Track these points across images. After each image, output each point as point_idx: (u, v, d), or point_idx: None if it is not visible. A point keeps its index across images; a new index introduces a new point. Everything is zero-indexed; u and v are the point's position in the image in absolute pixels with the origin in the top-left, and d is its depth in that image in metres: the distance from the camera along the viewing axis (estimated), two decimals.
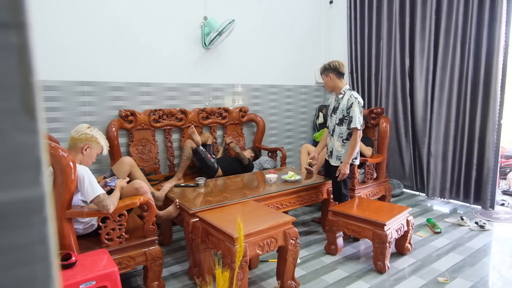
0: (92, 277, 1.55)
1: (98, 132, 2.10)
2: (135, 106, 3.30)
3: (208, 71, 3.75)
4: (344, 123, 2.70)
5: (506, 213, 3.46)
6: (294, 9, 4.40)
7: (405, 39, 3.94)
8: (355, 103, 2.64)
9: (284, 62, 4.36)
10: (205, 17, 3.58)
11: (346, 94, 2.72)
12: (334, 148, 2.80)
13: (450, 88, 3.65)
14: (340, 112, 2.72)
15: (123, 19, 3.18)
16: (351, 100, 2.65)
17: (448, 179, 3.76)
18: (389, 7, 4.07)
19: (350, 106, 2.65)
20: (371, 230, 2.35)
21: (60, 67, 2.90)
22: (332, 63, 2.73)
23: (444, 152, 3.76)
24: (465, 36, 3.49)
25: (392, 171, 4.25)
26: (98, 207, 1.86)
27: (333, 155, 2.82)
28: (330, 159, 2.88)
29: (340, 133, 2.74)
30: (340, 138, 2.75)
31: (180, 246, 2.79)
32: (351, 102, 2.64)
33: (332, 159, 2.83)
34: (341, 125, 2.73)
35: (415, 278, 2.26)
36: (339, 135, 2.75)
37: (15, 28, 0.25)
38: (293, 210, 3.36)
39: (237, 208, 2.27)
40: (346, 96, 2.70)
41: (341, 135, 2.74)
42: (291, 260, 2.08)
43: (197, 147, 3.17)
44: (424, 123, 3.87)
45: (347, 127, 2.69)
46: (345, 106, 2.67)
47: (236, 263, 1.36)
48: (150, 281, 2.05)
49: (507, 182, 4.28)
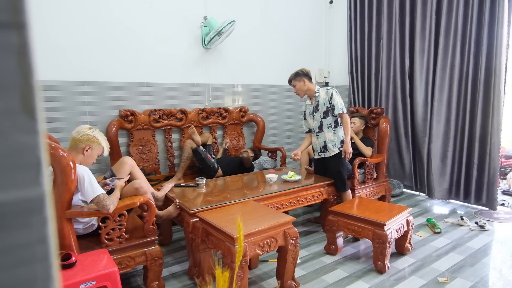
0: (92, 277, 1.55)
1: (99, 133, 2.10)
2: (135, 106, 3.30)
3: (208, 71, 3.75)
4: (330, 113, 2.95)
5: (506, 213, 3.46)
6: (294, 9, 4.40)
7: (405, 39, 3.94)
8: (334, 93, 2.93)
9: (284, 62, 4.36)
10: (205, 17, 3.58)
11: (321, 91, 3.00)
12: (327, 139, 2.98)
13: (450, 88, 3.65)
14: (322, 107, 2.97)
15: (123, 19, 3.18)
16: (329, 92, 2.94)
17: (448, 179, 3.76)
18: (389, 7, 4.07)
19: (331, 97, 2.92)
20: (371, 230, 2.35)
21: (60, 67, 2.90)
22: (304, 70, 2.99)
23: (444, 152, 3.76)
24: (465, 36, 3.49)
25: (392, 171, 4.25)
26: (98, 207, 1.86)
27: (328, 147, 2.98)
28: (324, 154, 3.02)
29: (329, 124, 2.97)
30: (330, 128, 2.97)
31: (180, 246, 2.79)
32: (330, 93, 2.93)
33: (328, 151, 2.99)
34: (327, 116, 2.96)
35: (415, 278, 2.26)
36: (328, 126, 2.97)
37: (15, 28, 0.25)
38: (293, 210, 3.36)
39: (237, 208, 2.27)
40: (322, 92, 2.98)
41: (330, 125, 2.97)
42: (291, 260, 2.08)
43: (197, 147, 3.17)
44: (424, 123, 3.87)
45: (332, 115, 2.94)
46: (326, 99, 2.94)
47: (236, 263, 1.36)
48: (150, 281, 2.05)
49: (507, 182, 4.28)
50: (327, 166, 3.05)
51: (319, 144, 3.04)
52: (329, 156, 3.00)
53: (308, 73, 2.99)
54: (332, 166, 2.99)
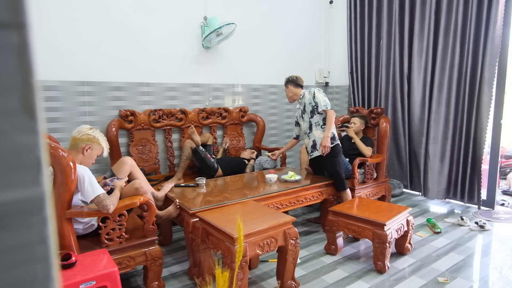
0: (92, 277, 1.55)
1: (100, 133, 2.10)
2: (135, 106, 3.30)
3: (208, 71, 3.75)
4: (316, 111, 2.99)
5: (506, 213, 3.46)
6: (294, 9, 4.40)
7: (405, 39, 3.94)
8: (315, 91, 2.99)
9: (284, 62, 4.36)
10: (205, 17, 3.58)
11: (305, 93, 3.07)
12: (317, 137, 3.02)
13: (449, 88, 3.64)
14: (308, 107, 3.03)
15: (123, 19, 3.18)
16: (311, 91, 3.01)
17: (446, 179, 3.77)
18: (389, 7, 4.07)
19: (313, 95, 2.98)
20: (371, 230, 2.35)
21: (60, 67, 2.90)
22: (291, 76, 3.10)
23: (442, 152, 3.76)
24: (464, 36, 3.49)
25: (392, 171, 4.25)
26: (98, 207, 1.86)
27: (317, 145, 3.01)
28: (313, 153, 3.06)
29: (316, 122, 3.01)
30: (318, 126, 3.01)
31: (180, 246, 2.79)
32: (313, 92, 3.00)
33: (318, 150, 3.00)
34: (313, 115, 3.01)
35: (415, 278, 2.26)
36: (316, 124, 3.01)
37: (15, 28, 0.25)
38: (293, 210, 3.36)
39: (237, 208, 2.27)
40: (306, 93, 3.06)
41: (318, 123, 3.01)
42: (291, 260, 2.08)
43: (197, 147, 3.17)
44: (422, 123, 3.87)
45: (318, 113, 2.98)
46: (310, 99, 3.01)
47: (236, 263, 1.36)
48: (150, 281, 2.05)
49: (507, 182, 4.28)
50: (323, 166, 3.05)
51: (310, 143, 3.07)
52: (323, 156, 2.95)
53: (294, 79, 3.07)
54: (328, 166, 2.99)
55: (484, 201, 3.61)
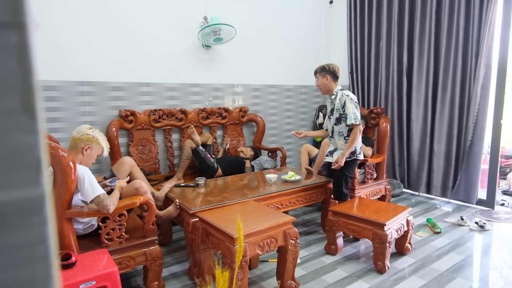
0: (92, 277, 1.55)
1: (100, 133, 2.10)
2: (135, 106, 3.30)
3: (208, 71, 3.75)
4: (342, 121, 2.79)
5: (506, 213, 3.46)
6: (294, 9, 4.40)
7: (404, 39, 3.94)
8: (347, 100, 2.72)
9: (284, 62, 4.36)
10: (205, 17, 3.58)
11: (338, 94, 2.81)
12: (338, 147, 2.87)
13: (452, 89, 3.64)
14: (336, 112, 2.82)
15: (123, 19, 3.18)
16: (343, 99, 2.74)
17: (445, 179, 3.77)
18: (388, 8, 4.07)
19: (344, 105, 2.74)
20: (371, 230, 2.35)
21: (60, 67, 2.90)
22: (332, 66, 2.79)
23: (444, 151, 3.76)
24: (467, 37, 3.49)
25: (391, 171, 4.25)
26: (98, 207, 1.86)
27: (334, 154, 2.88)
28: (327, 157, 2.93)
29: (340, 131, 2.83)
30: (342, 136, 2.83)
31: (180, 246, 2.79)
32: (344, 100, 2.74)
33: (334, 157, 2.86)
34: (339, 123, 2.81)
35: (415, 278, 2.26)
36: (340, 134, 2.83)
37: (15, 28, 0.25)
38: (293, 210, 3.36)
39: (237, 208, 2.27)
40: (338, 96, 2.79)
41: (342, 133, 2.82)
42: (291, 260, 2.08)
43: (197, 147, 3.17)
44: (425, 123, 3.87)
45: (345, 124, 2.77)
46: (340, 105, 2.77)
47: (236, 263, 1.35)
48: (150, 281, 2.05)
49: (507, 182, 4.28)
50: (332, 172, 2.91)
51: (331, 146, 2.95)
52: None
53: (335, 71, 2.78)
54: (334, 173, 2.85)
55: (484, 201, 3.61)
